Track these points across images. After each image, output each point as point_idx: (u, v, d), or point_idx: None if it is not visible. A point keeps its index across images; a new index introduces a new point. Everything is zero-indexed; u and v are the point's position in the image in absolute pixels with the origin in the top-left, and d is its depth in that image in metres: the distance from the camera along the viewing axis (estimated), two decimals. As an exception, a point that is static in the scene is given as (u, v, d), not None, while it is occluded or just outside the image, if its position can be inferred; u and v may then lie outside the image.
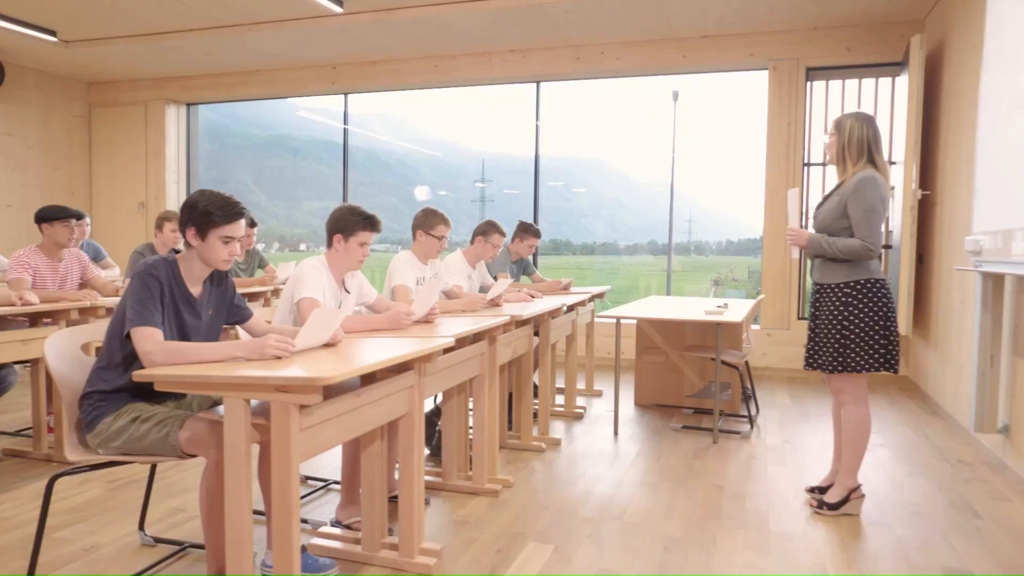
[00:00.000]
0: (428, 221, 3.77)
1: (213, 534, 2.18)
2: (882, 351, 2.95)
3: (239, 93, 8.23)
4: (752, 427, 4.48)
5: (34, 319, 3.70)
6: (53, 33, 6.72)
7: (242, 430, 1.88)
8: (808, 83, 6.36)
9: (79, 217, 4.28)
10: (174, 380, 1.95)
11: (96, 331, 2.52)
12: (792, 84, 6.30)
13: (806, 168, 6.42)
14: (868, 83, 6.33)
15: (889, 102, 6.24)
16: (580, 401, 5.21)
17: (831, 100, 6.42)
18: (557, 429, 4.50)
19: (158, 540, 2.74)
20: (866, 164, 2.99)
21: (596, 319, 5.66)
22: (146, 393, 2.34)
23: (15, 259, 3.97)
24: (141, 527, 2.80)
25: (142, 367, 2.27)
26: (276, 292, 5.59)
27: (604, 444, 4.18)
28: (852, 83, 6.37)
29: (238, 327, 2.60)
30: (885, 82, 6.28)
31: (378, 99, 8.09)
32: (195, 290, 2.39)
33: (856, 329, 2.94)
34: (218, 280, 2.47)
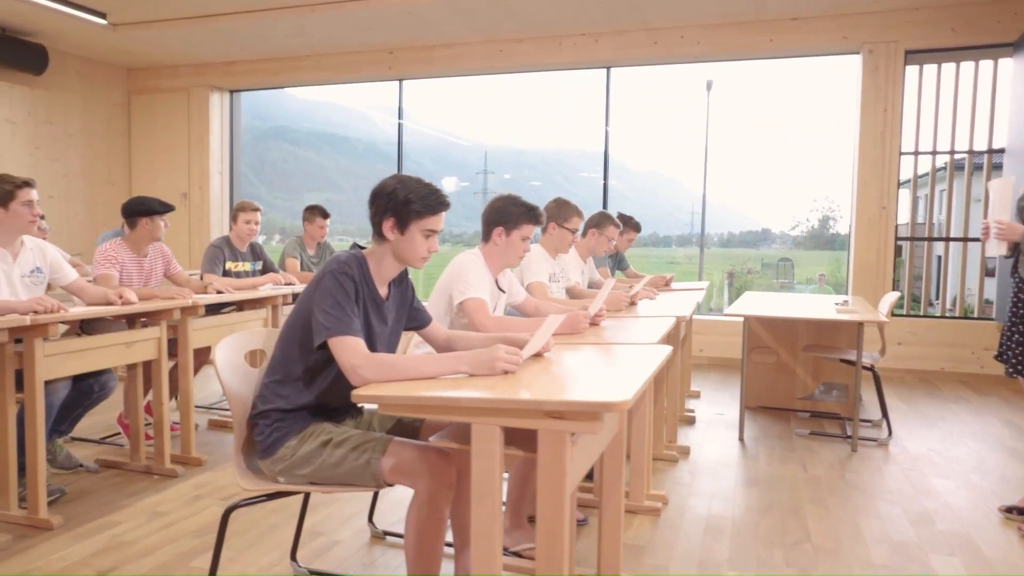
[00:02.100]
0: (562, 213, 3.45)
1: (422, 572, 1.88)
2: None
3: (286, 79, 7.88)
4: (890, 434, 4.17)
5: (131, 320, 3.38)
6: (103, 15, 6.38)
7: (496, 461, 1.57)
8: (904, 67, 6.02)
9: None
10: (409, 403, 1.63)
11: (260, 337, 2.20)
12: (889, 68, 5.97)
13: (903, 157, 6.09)
14: (966, 66, 6.00)
15: (991, 86, 5.91)
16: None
17: (926, 84, 6.09)
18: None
19: (313, 572, 2.43)
20: None
21: (695, 316, 5.35)
22: (326, 410, 2.04)
23: (102, 254, 3.64)
24: (293, 557, 2.49)
25: (330, 382, 1.98)
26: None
27: (733, 451, 3.88)
28: (948, 66, 6.04)
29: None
30: (985, 65, 5.95)
31: (375, 90, 7.80)
32: (383, 291, 2.07)
33: (1083, 332, 2.63)
34: (400, 279, 2.16)
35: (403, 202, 1.96)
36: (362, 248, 2.07)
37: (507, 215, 2.69)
